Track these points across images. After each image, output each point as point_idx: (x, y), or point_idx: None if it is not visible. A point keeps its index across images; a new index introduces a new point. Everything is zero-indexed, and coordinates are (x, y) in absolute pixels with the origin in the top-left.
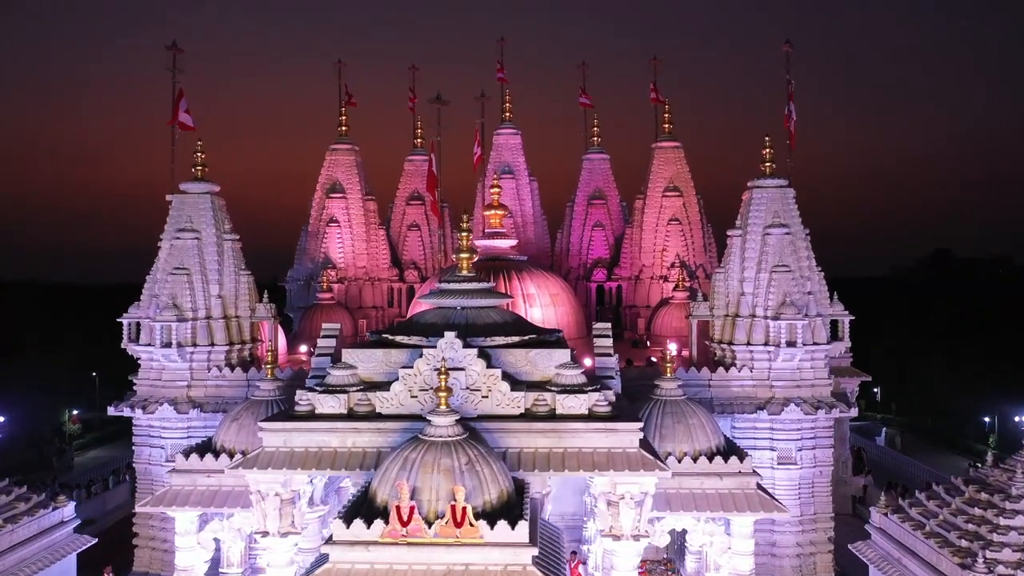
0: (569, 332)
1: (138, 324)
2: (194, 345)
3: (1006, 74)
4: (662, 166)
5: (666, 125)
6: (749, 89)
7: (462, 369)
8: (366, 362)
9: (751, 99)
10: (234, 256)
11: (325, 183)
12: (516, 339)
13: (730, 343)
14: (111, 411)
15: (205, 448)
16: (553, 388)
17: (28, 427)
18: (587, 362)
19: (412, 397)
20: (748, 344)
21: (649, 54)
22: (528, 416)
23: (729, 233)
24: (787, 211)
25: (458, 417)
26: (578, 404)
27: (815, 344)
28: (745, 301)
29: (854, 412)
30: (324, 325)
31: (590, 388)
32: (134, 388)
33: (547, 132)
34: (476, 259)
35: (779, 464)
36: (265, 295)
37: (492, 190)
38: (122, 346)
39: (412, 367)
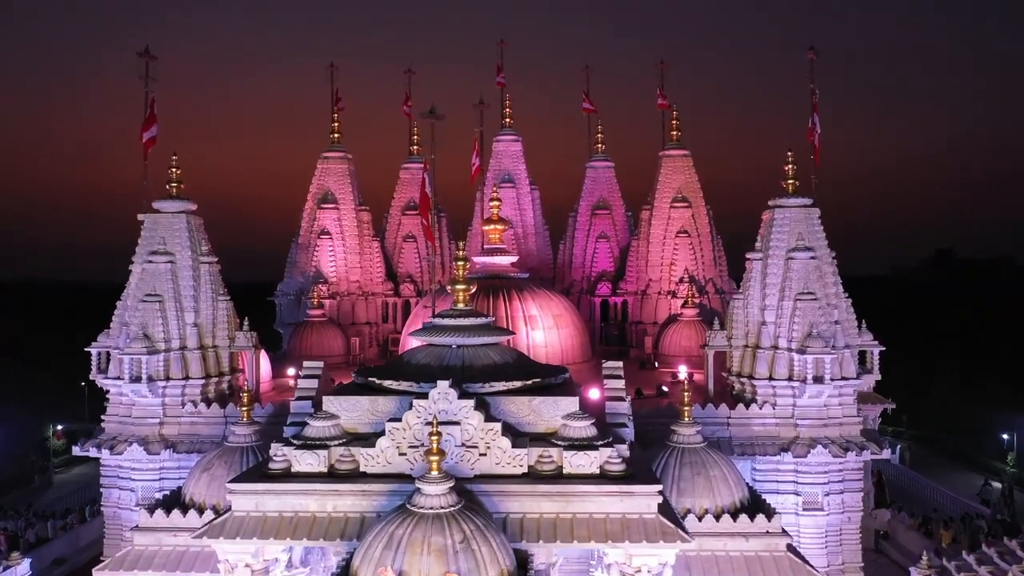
0: (573, 356)
1: (108, 354)
2: (167, 379)
3: (1006, 74)
4: (670, 175)
5: (674, 132)
6: (749, 89)
7: (457, 423)
8: (350, 411)
9: (751, 99)
10: (212, 281)
11: (316, 193)
12: (518, 384)
13: (750, 377)
14: (77, 451)
15: (173, 502)
16: (560, 443)
17: (13, 440)
18: (593, 392)
19: (400, 455)
20: (770, 379)
21: (652, 56)
22: (532, 476)
23: (748, 256)
24: (812, 233)
25: (452, 484)
26: (588, 462)
27: (844, 379)
28: (766, 331)
29: (887, 454)
30: (305, 364)
31: (601, 443)
32: (103, 425)
33: (548, 138)
34: (474, 273)
35: (804, 510)
36: (246, 323)
37: (492, 203)
38: (90, 377)
39: (401, 419)
